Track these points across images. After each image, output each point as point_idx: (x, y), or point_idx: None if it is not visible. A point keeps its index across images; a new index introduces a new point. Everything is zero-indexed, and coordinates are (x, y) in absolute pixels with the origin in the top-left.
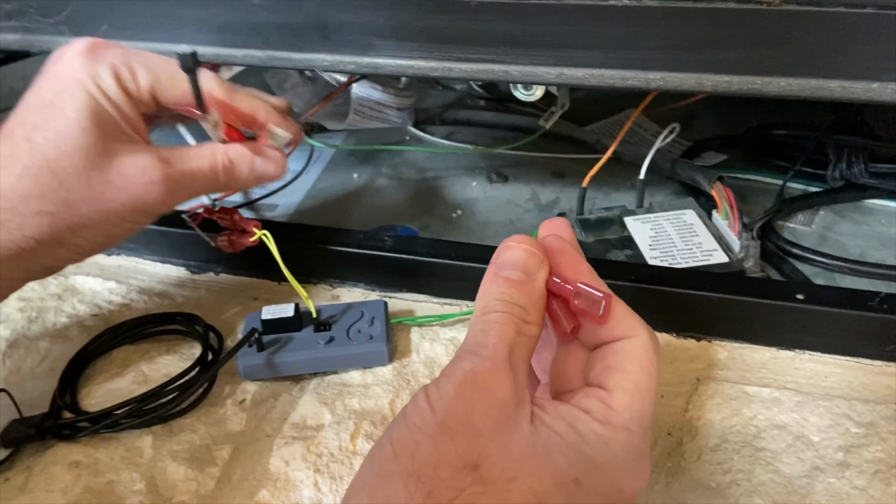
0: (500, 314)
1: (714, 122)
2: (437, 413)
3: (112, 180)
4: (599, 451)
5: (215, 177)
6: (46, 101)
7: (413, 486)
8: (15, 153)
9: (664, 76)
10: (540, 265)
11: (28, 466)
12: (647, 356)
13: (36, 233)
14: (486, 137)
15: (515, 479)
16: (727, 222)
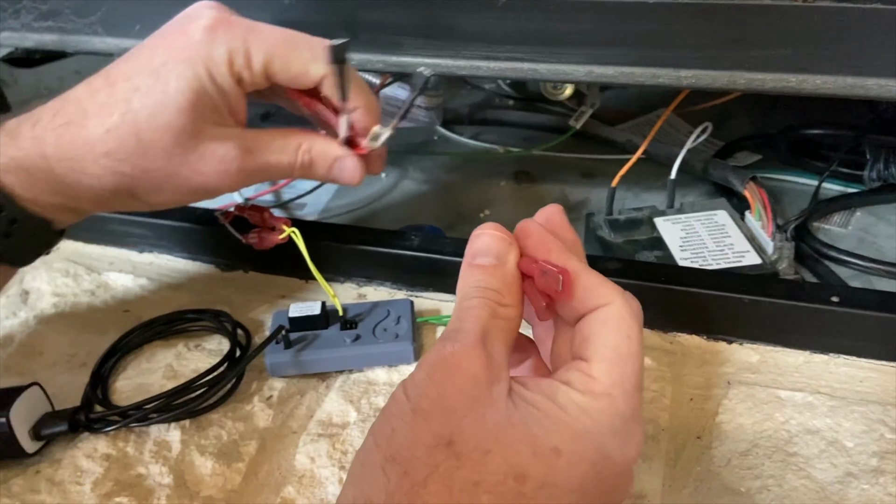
0: (475, 300)
1: (748, 121)
2: (410, 399)
3: (191, 161)
4: (579, 420)
5: (290, 171)
6: (155, 66)
7: (389, 468)
8: (110, 107)
9: (696, 74)
10: (509, 248)
11: (59, 459)
12: (623, 321)
13: (111, 186)
14: (514, 137)
15: (490, 451)
16: (760, 223)
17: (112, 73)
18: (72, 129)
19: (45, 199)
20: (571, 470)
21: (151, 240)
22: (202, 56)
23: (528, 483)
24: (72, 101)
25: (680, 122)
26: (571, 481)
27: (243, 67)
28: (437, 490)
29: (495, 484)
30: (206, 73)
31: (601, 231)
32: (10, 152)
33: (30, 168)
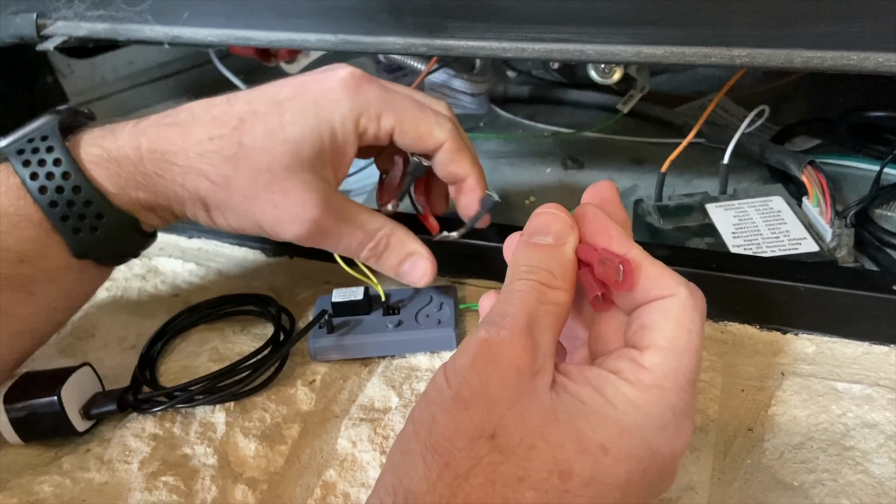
0: (523, 282)
1: (805, 104)
2: (452, 386)
3: (274, 192)
4: (627, 414)
5: (360, 249)
6: (279, 99)
7: (430, 458)
8: (221, 121)
9: (750, 53)
10: (569, 230)
11: (108, 438)
12: (685, 313)
13: (192, 189)
14: (569, 118)
15: (535, 447)
16: (818, 209)
17: (234, 96)
18: (175, 128)
19: (131, 193)
20: (618, 467)
21: (200, 226)
22: (330, 104)
23: (573, 480)
24: (186, 109)
25: (734, 107)
26: (618, 478)
27: (371, 122)
28: (480, 484)
29: (540, 480)
30: (328, 121)
31: (650, 217)
32: (106, 143)
33: (120, 160)
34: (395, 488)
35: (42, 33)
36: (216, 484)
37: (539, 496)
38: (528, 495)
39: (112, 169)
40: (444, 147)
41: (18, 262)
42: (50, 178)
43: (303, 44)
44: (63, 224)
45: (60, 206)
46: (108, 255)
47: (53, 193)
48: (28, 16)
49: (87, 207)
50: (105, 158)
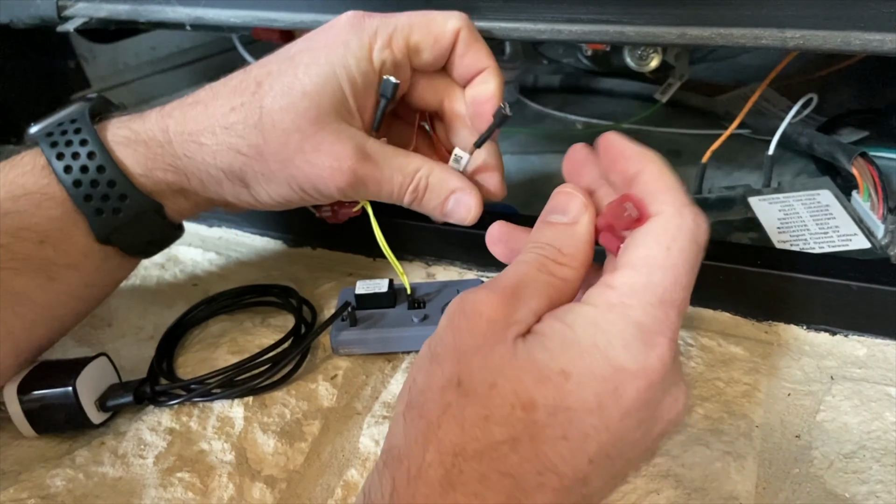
0: (528, 254)
1: (852, 95)
2: (430, 347)
3: (306, 150)
4: (587, 334)
5: (401, 192)
6: (291, 54)
7: (408, 414)
8: (239, 89)
9: (804, 34)
10: (583, 209)
11: (123, 431)
12: (665, 231)
13: (225, 166)
14: (600, 108)
15: (496, 385)
16: (869, 204)
17: (250, 66)
18: (199, 106)
19: (158, 175)
20: (583, 390)
21: (221, 215)
22: (339, 47)
23: (538, 410)
24: (206, 87)
25: (776, 96)
26: (586, 402)
27: (384, 48)
28: (450, 428)
29: (504, 416)
30: (342, 65)
31: None
32: (134, 125)
33: (148, 141)
34: (384, 450)
35: (63, 14)
36: (233, 481)
37: (506, 431)
38: (495, 432)
39: (140, 151)
40: (459, 37)
41: (39, 242)
42: (75, 157)
43: None
44: (86, 204)
45: (84, 186)
46: (131, 241)
47: (78, 173)
48: None
49: (111, 188)
50: (132, 140)
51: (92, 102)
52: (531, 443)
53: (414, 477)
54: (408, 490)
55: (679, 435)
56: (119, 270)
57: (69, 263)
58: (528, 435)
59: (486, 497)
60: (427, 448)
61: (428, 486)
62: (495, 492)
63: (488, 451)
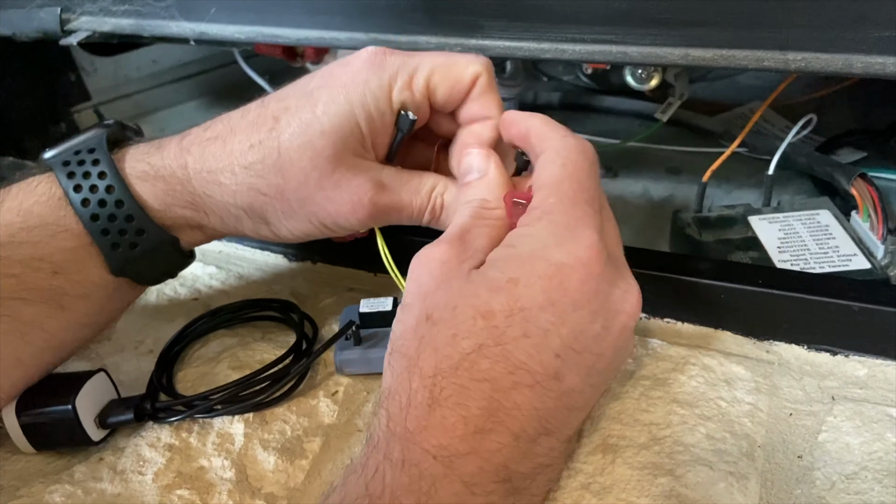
0: (462, 210)
1: (850, 116)
2: (400, 304)
3: (326, 188)
4: (523, 244)
5: (420, 214)
6: (309, 90)
7: (392, 360)
8: (257, 124)
9: (806, 57)
10: (488, 159)
11: (122, 447)
12: (557, 154)
13: (245, 205)
14: (599, 125)
15: (457, 306)
16: (868, 224)
17: (268, 98)
18: (217, 142)
19: (176, 211)
20: (531, 290)
21: None
22: (359, 86)
23: (496, 316)
24: (223, 119)
25: (775, 116)
26: (537, 299)
27: (404, 89)
28: (427, 355)
29: (468, 328)
30: (360, 104)
31: (689, 229)
32: (153, 160)
33: (167, 178)
34: (378, 401)
35: (66, 28)
36: (233, 499)
37: (472, 341)
38: (463, 344)
39: (158, 186)
40: (476, 83)
41: (53, 273)
42: (93, 190)
43: (332, 42)
44: (102, 238)
45: (101, 220)
46: (144, 274)
47: (96, 207)
48: (52, 10)
49: (129, 223)
50: (151, 175)
51: (109, 129)
52: (496, 346)
53: (405, 405)
54: (400, 416)
55: (682, 455)
56: (127, 299)
57: (81, 294)
58: (492, 339)
59: (469, 405)
60: (411, 379)
61: (417, 409)
62: (476, 398)
63: (461, 362)
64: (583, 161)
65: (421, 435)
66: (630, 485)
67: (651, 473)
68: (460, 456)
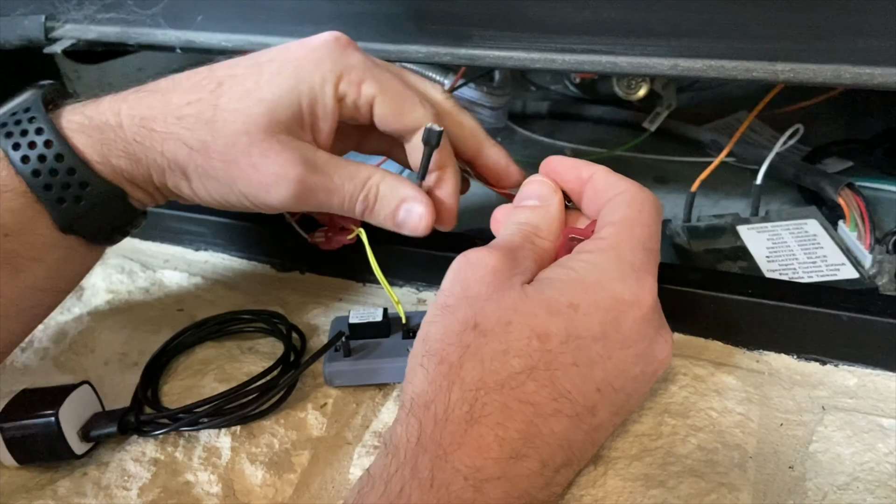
0: (511, 229)
1: (837, 125)
2: (438, 303)
3: (252, 154)
4: (589, 273)
5: (352, 203)
6: (260, 61)
7: (427, 361)
8: (201, 85)
9: (794, 68)
10: (553, 193)
11: (106, 461)
12: (634, 199)
13: (171, 157)
14: (588, 134)
15: (511, 322)
16: (856, 234)
17: (218, 64)
18: (156, 94)
19: (112, 162)
20: (590, 319)
21: (207, 238)
22: (311, 64)
23: (551, 340)
24: (168, 77)
25: (762, 126)
26: (592, 330)
27: (351, 85)
28: (471, 366)
29: (521, 348)
30: (307, 82)
31: (679, 238)
32: (88, 111)
33: (102, 126)
34: (404, 401)
35: (50, 36)
36: None
37: (524, 361)
38: (514, 363)
39: (94, 136)
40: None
41: (3, 235)
42: (32, 146)
43: None
44: (46, 193)
45: (43, 175)
46: (95, 229)
47: (36, 162)
48: (36, 18)
49: (71, 176)
50: (87, 126)
51: (44, 89)
52: (546, 370)
53: (441, 418)
54: (435, 430)
55: (673, 466)
56: (85, 261)
57: (34, 256)
58: (543, 363)
59: (508, 426)
60: (451, 389)
61: (454, 423)
62: (516, 420)
63: (508, 381)
64: (655, 212)
65: (455, 454)
66: (622, 497)
67: (643, 485)
68: (491, 480)
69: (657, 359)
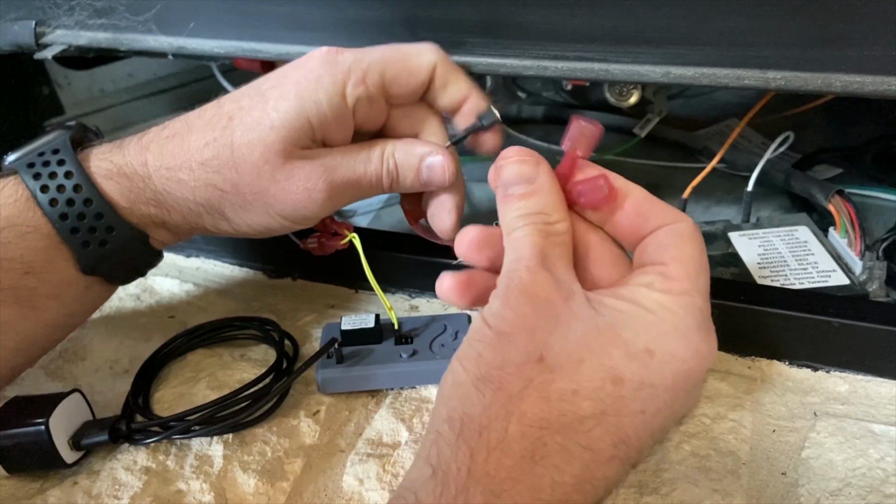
0: (522, 228)
1: (826, 132)
2: (491, 326)
3: (279, 180)
4: (666, 319)
5: (379, 182)
6: (263, 89)
7: (482, 385)
8: (213, 123)
9: (786, 76)
10: (536, 167)
11: (97, 470)
12: (696, 235)
13: (203, 201)
14: None
15: (583, 360)
16: (846, 240)
17: (224, 98)
18: (175, 140)
19: (141, 209)
20: (664, 368)
21: (199, 244)
22: (311, 83)
23: (625, 385)
24: (181, 118)
25: (752, 133)
26: (665, 379)
27: (358, 84)
28: (534, 401)
29: (594, 389)
30: (312, 100)
31: None
32: (115, 158)
33: (130, 175)
34: (449, 417)
35: (40, 41)
36: None
37: (595, 405)
38: (584, 406)
39: (123, 184)
40: (436, 71)
41: (24, 273)
42: (61, 190)
43: None
44: (72, 237)
45: (70, 219)
46: (116, 271)
47: (64, 206)
48: (26, 23)
49: (98, 220)
50: (115, 173)
51: (71, 131)
52: (615, 416)
53: (494, 448)
54: (489, 461)
55: (667, 472)
56: (98, 298)
57: (52, 294)
58: (614, 408)
59: (564, 470)
60: (510, 420)
61: (510, 457)
62: (574, 465)
63: (575, 424)
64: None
65: (508, 492)
66: None
67: (637, 492)
68: None
69: (696, 400)
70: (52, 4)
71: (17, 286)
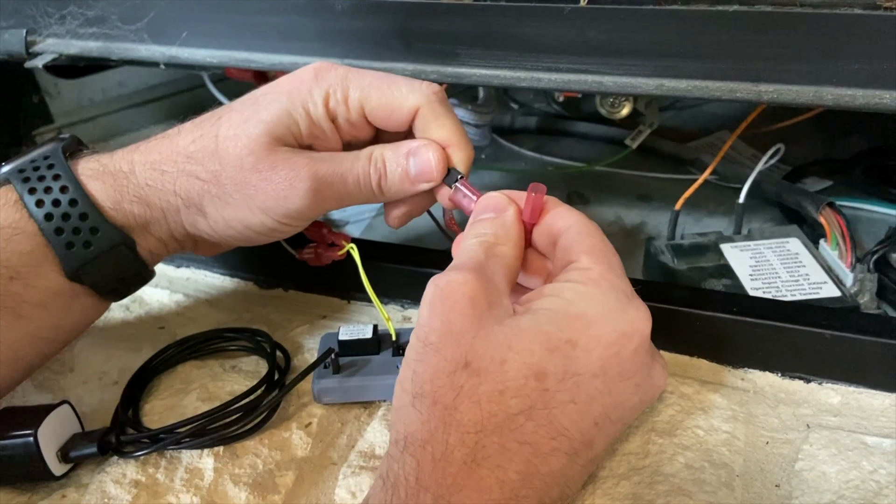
0: (469, 242)
1: (817, 145)
2: (420, 338)
3: (260, 170)
4: (589, 306)
5: (367, 184)
6: (256, 97)
7: (419, 403)
8: (202, 123)
9: (777, 88)
10: (507, 204)
11: (86, 483)
12: (591, 228)
13: (183, 192)
14: (573, 150)
15: (506, 360)
16: (837, 252)
17: (220, 108)
18: (165, 140)
19: (125, 208)
20: (589, 356)
21: (189, 255)
22: (301, 91)
23: (549, 379)
24: (175, 127)
25: (742, 145)
26: (591, 366)
27: (339, 103)
28: (467, 408)
29: (519, 387)
30: (301, 103)
31: (663, 256)
32: (103, 159)
33: (115, 173)
34: (396, 439)
35: (31, 50)
36: None
37: (522, 401)
38: (512, 404)
39: (108, 183)
40: (419, 113)
41: (10, 278)
42: (48, 191)
43: None
44: (56, 237)
45: (55, 219)
46: (101, 279)
47: (50, 206)
48: (17, 32)
49: (83, 221)
50: (101, 172)
51: (65, 141)
52: (544, 409)
53: (439, 459)
54: (435, 471)
55: (661, 485)
56: (88, 313)
57: (38, 301)
58: (541, 402)
59: (507, 468)
60: (449, 432)
61: (454, 465)
62: (515, 462)
63: (507, 422)
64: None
65: (456, 495)
66: None
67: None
68: None
69: (655, 385)
70: (44, 13)
71: (2, 292)
